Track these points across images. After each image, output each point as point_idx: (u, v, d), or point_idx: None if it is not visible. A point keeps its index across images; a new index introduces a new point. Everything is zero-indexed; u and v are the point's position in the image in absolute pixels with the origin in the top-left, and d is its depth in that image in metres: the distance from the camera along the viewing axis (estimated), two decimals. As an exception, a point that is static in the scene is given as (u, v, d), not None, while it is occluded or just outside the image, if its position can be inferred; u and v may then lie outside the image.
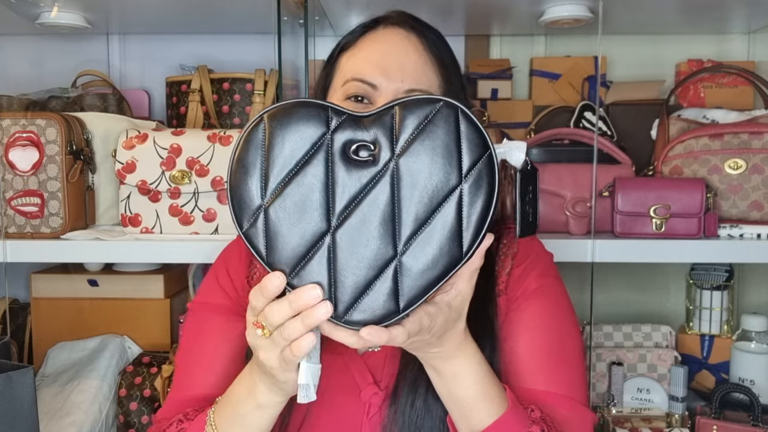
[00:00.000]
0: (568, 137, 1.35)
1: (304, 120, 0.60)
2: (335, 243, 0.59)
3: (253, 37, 1.54)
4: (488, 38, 1.64)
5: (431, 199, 0.59)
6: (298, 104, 0.61)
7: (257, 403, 0.70)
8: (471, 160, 0.59)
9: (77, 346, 1.40)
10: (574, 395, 0.80)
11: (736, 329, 1.43)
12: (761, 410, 1.22)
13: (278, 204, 0.60)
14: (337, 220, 0.60)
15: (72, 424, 1.24)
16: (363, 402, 0.80)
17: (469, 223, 0.59)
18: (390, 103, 0.61)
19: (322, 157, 0.60)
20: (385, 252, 0.59)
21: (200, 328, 0.88)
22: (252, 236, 0.60)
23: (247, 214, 0.60)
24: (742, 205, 1.21)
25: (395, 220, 0.59)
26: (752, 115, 1.27)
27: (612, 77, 1.60)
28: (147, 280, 1.43)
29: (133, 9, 1.43)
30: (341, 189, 0.60)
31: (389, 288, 0.59)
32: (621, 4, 1.32)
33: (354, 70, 0.81)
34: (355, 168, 0.60)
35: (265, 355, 0.63)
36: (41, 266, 1.50)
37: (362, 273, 0.59)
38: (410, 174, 0.59)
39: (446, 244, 0.59)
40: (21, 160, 1.17)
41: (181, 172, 1.16)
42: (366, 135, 0.60)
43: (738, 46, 1.60)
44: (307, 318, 0.59)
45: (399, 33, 0.83)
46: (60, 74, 1.56)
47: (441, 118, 0.59)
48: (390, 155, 0.60)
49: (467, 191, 0.59)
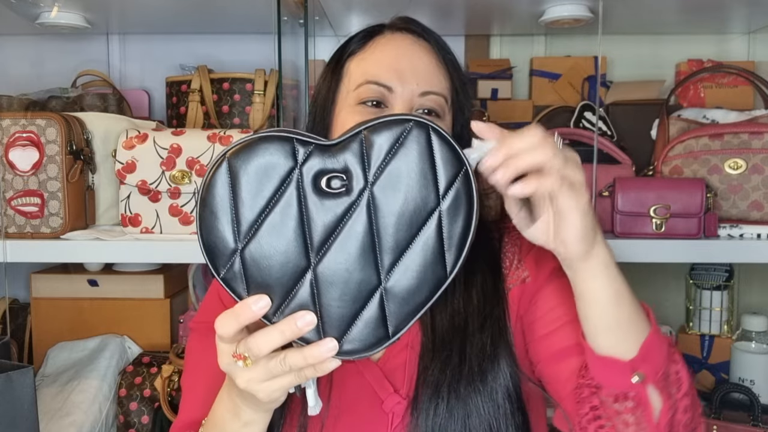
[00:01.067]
0: (568, 137, 1.35)
1: (268, 155, 0.58)
2: (317, 278, 0.58)
3: (253, 37, 1.54)
4: (488, 38, 1.64)
5: (410, 223, 0.58)
6: (261, 139, 0.58)
7: (243, 422, 0.69)
8: (447, 179, 0.58)
9: (77, 346, 1.40)
10: None
11: (736, 329, 1.43)
12: (761, 410, 1.22)
13: (254, 245, 0.58)
14: (316, 255, 0.58)
15: (72, 424, 1.24)
16: (386, 413, 0.78)
17: (451, 243, 0.58)
18: (356, 128, 0.59)
19: (293, 193, 0.58)
20: (369, 282, 0.58)
21: (202, 349, 0.86)
22: (230, 281, 0.59)
23: (222, 260, 0.58)
24: (742, 205, 1.21)
25: (376, 249, 0.58)
26: (752, 115, 1.27)
27: (612, 77, 1.60)
28: (147, 280, 1.44)
29: (133, 9, 1.43)
30: (317, 223, 0.58)
31: (376, 316, 0.59)
32: (621, 4, 1.32)
33: (368, 73, 0.80)
34: (329, 199, 0.58)
35: (246, 384, 0.62)
36: (41, 266, 1.50)
37: (348, 305, 0.58)
38: (386, 201, 0.58)
39: (429, 267, 0.59)
40: (21, 160, 1.17)
41: (181, 172, 1.16)
42: (336, 164, 0.58)
43: (738, 46, 1.60)
44: (311, 357, 0.58)
45: (408, 38, 0.83)
46: (60, 74, 1.56)
47: (413, 139, 0.58)
48: (364, 184, 0.58)
49: (446, 212, 0.58)
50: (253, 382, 0.61)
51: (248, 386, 0.62)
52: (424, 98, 0.79)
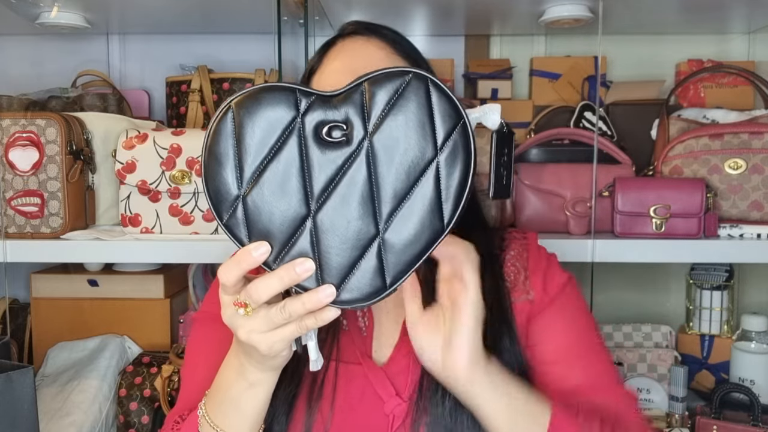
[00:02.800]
0: (568, 137, 1.35)
1: (272, 105, 0.59)
2: (317, 226, 0.59)
3: (253, 37, 1.54)
4: (488, 38, 1.64)
5: (408, 174, 0.59)
6: (265, 89, 0.60)
7: (249, 383, 0.69)
8: (445, 130, 0.59)
9: (77, 346, 1.40)
10: (611, 381, 0.81)
11: (736, 329, 1.43)
12: (761, 410, 1.22)
13: (256, 192, 0.59)
14: (316, 203, 0.59)
15: (72, 424, 1.24)
16: (386, 415, 0.78)
17: (448, 194, 0.59)
18: (359, 78, 0.60)
19: (295, 141, 0.59)
20: (367, 231, 0.59)
21: (204, 338, 0.86)
22: (233, 227, 0.60)
23: (225, 205, 0.60)
24: (742, 205, 1.21)
25: (374, 198, 0.59)
26: (752, 115, 1.27)
27: (612, 77, 1.60)
28: (147, 280, 1.44)
29: (133, 9, 1.43)
30: (317, 172, 0.59)
31: (374, 266, 0.60)
32: (621, 4, 1.32)
33: (328, 85, 0.80)
34: (330, 149, 0.59)
35: (247, 334, 0.62)
36: (41, 266, 1.50)
37: (346, 253, 0.59)
38: (385, 151, 0.59)
39: (427, 218, 0.59)
40: (21, 160, 1.17)
41: (181, 172, 1.16)
42: (337, 114, 0.59)
43: (738, 46, 1.60)
44: (309, 302, 0.59)
45: (358, 40, 0.84)
46: (60, 74, 1.57)
47: (411, 90, 0.59)
48: (363, 134, 0.59)
49: (444, 163, 0.59)
50: (254, 332, 0.62)
51: (249, 337, 0.62)
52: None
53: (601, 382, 0.80)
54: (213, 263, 1.44)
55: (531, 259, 0.86)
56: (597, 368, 0.82)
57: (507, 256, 0.86)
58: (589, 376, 0.80)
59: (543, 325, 0.82)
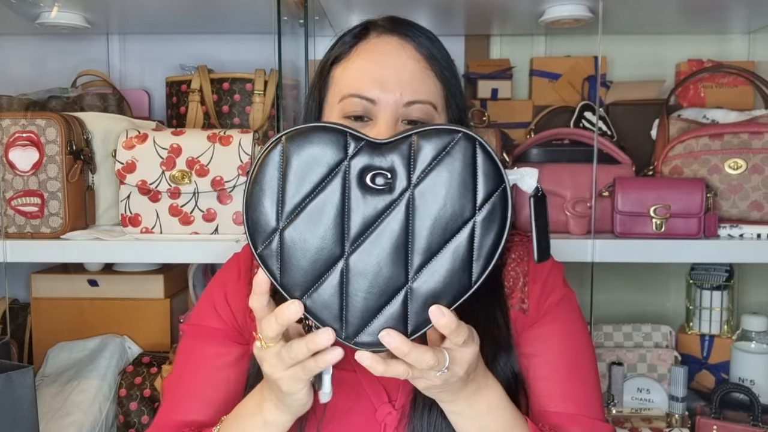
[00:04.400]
0: (568, 137, 1.35)
1: (322, 144, 0.61)
2: (348, 268, 0.61)
3: (253, 37, 1.54)
4: (488, 38, 1.64)
5: (444, 230, 0.60)
6: (317, 128, 0.61)
7: (264, 420, 0.70)
8: (486, 192, 0.60)
9: (77, 346, 1.40)
10: (591, 413, 0.80)
11: (736, 329, 1.43)
12: (761, 410, 1.22)
13: (293, 227, 0.60)
14: (351, 246, 0.61)
15: (72, 424, 1.24)
16: (378, 422, 0.78)
17: (480, 254, 0.61)
18: (409, 131, 0.61)
19: (339, 183, 0.61)
20: (397, 279, 0.61)
21: (191, 352, 0.86)
22: (266, 258, 0.61)
23: (262, 236, 0.61)
24: (742, 205, 1.21)
25: (408, 249, 0.61)
26: (752, 115, 1.27)
27: (612, 77, 1.60)
28: (147, 280, 1.44)
29: (133, 9, 1.43)
30: (356, 215, 0.61)
31: (398, 312, 0.61)
32: (621, 4, 1.32)
33: (350, 85, 0.78)
34: (371, 195, 0.61)
35: (269, 368, 0.64)
36: (41, 266, 1.50)
37: (373, 298, 0.61)
38: (425, 204, 0.60)
39: (456, 274, 0.61)
40: (21, 160, 1.17)
41: (181, 172, 1.16)
42: (383, 162, 0.61)
43: (738, 46, 1.60)
44: (311, 343, 0.61)
45: (392, 41, 0.80)
46: (60, 74, 1.56)
47: (459, 149, 0.60)
48: (406, 184, 0.60)
49: (480, 223, 0.60)
50: (275, 368, 0.63)
51: (271, 372, 0.64)
52: (409, 108, 0.77)
53: (581, 412, 0.79)
54: (213, 263, 1.44)
55: (531, 265, 0.85)
56: (578, 397, 0.80)
57: (509, 258, 0.85)
58: (568, 403, 0.79)
59: (533, 337, 0.81)
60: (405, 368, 0.61)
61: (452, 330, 0.60)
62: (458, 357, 0.63)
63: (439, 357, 0.61)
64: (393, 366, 0.61)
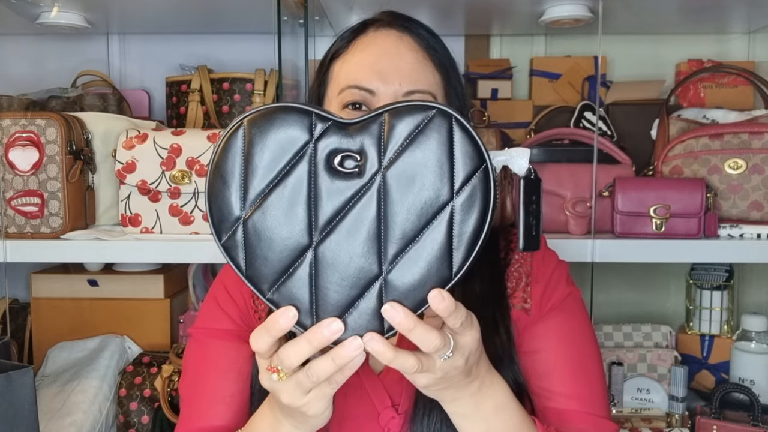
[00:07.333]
0: (568, 137, 1.35)
1: (285, 126, 0.56)
2: (317, 259, 0.56)
3: (253, 37, 1.54)
4: (488, 38, 1.64)
5: (420, 215, 0.55)
6: (280, 109, 0.57)
7: None
8: (464, 174, 0.55)
9: (77, 346, 1.40)
10: (596, 410, 0.79)
11: (736, 329, 1.43)
12: (761, 410, 1.22)
13: (258, 216, 0.56)
14: (319, 234, 0.56)
15: (72, 424, 1.24)
16: (381, 427, 0.77)
17: (461, 242, 0.56)
18: (379, 109, 0.57)
19: (305, 167, 0.56)
20: (370, 270, 0.56)
21: (203, 356, 0.84)
22: (230, 248, 0.57)
23: (226, 226, 0.57)
24: (742, 205, 1.21)
25: (381, 237, 0.56)
26: (752, 115, 1.27)
27: (612, 77, 1.60)
28: (147, 280, 1.44)
29: (133, 9, 1.43)
30: (324, 202, 0.56)
31: (373, 307, 0.56)
32: (621, 4, 1.33)
33: (349, 77, 0.79)
34: (340, 179, 0.56)
35: (289, 398, 0.60)
36: (41, 266, 1.50)
37: (345, 291, 0.56)
38: (398, 188, 0.56)
39: (435, 264, 0.56)
40: (21, 160, 1.17)
41: (181, 172, 1.16)
42: (352, 144, 0.56)
43: (738, 46, 1.60)
44: (338, 358, 0.56)
45: (391, 34, 0.80)
46: (60, 74, 1.57)
47: (433, 127, 0.55)
48: (377, 167, 0.56)
49: (459, 208, 0.56)
50: (295, 397, 0.60)
51: (292, 401, 0.60)
52: (409, 98, 0.76)
53: (586, 410, 0.78)
54: (213, 263, 1.44)
55: (535, 266, 0.84)
56: (583, 394, 0.79)
57: (512, 258, 0.84)
58: (572, 400, 0.78)
59: (535, 333, 0.80)
60: (414, 361, 0.56)
61: (451, 312, 0.56)
62: (459, 342, 0.59)
63: (444, 337, 0.57)
64: (402, 356, 0.56)
